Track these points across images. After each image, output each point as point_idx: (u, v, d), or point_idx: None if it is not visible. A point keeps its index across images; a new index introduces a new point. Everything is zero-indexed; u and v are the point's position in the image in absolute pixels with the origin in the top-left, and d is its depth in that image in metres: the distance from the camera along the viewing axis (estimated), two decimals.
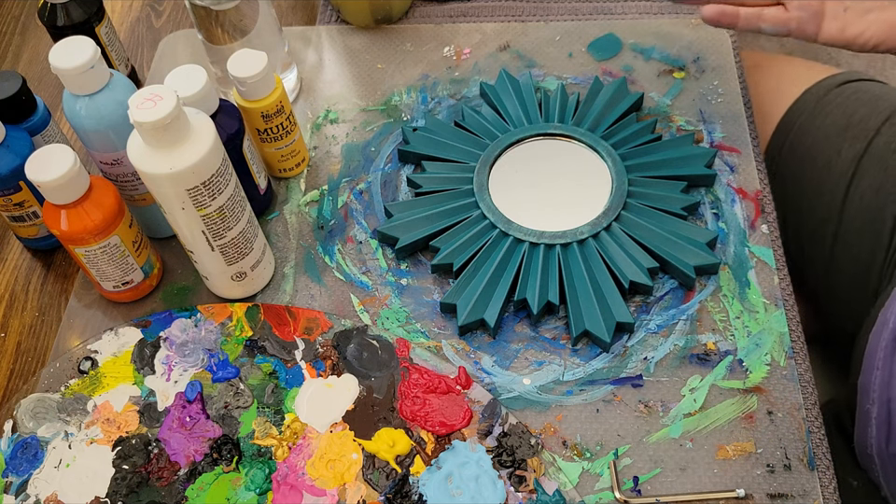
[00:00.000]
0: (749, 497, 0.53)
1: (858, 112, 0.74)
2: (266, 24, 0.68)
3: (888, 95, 0.75)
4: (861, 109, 0.74)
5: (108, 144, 0.58)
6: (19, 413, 0.59)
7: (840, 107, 0.75)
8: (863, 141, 0.72)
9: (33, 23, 0.85)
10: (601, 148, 0.66)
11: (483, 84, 0.72)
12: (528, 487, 0.53)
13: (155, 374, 0.60)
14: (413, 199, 0.66)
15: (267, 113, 0.64)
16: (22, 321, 0.65)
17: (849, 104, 0.75)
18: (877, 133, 0.71)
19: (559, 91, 0.70)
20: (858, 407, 0.63)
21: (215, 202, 0.54)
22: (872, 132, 0.72)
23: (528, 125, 0.68)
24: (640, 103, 0.70)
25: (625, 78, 0.71)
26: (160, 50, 0.80)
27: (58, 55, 0.55)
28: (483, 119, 0.69)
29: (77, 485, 0.56)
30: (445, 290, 0.62)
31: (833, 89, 0.76)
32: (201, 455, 0.56)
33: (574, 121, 0.68)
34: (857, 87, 0.76)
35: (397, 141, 0.71)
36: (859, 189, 0.71)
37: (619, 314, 0.58)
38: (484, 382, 0.58)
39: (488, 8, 0.80)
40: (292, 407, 0.58)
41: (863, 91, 0.76)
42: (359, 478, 0.55)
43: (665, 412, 0.56)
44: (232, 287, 0.62)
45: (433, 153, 0.68)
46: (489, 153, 0.66)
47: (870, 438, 0.61)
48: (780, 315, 0.59)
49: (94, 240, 0.57)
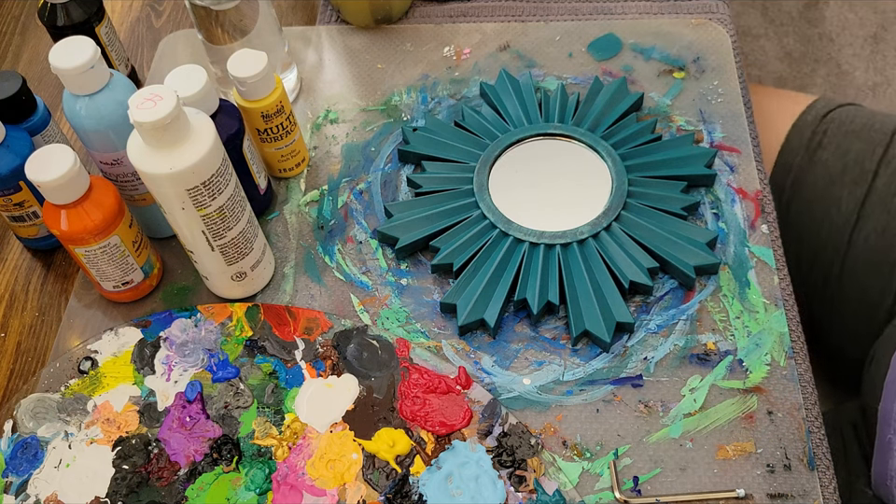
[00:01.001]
0: (748, 497, 0.53)
1: (851, 150, 0.75)
2: (266, 24, 0.68)
3: (872, 123, 0.76)
4: (855, 145, 0.75)
5: (108, 144, 0.58)
6: (19, 413, 0.59)
7: (832, 146, 0.76)
8: (863, 186, 0.73)
9: (33, 23, 0.85)
10: (601, 148, 0.66)
11: (483, 84, 0.72)
12: (528, 487, 0.53)
13: (155, 374, 0.60)
14: (413, 199, 0.66)
15: (267, 113, 0.64)
16: (22, 321, 0.65)
17: (841, 141, 0.76)
18: (875, 176, 0.73)
19: (559, 90, 0.70)
20: (878, 436, 0.62)
21: (215, 202, 0.54)
22: (870, 174, 0.73)
23: (528, 125, 0.68)
24: (640, 103, 0.70)
25: (625, 78, 0.71)
26: (160, 50, 0.80)
27: (58, 55, 0.55)
28: (483, 118, 0.69)
29: (77, 485, 0.56)
30: (445, 290, 0.62)
31: (819, 122, 0.77)
32: (201, 455, 0.56)
33: (574, 121, 0.68)
34: (840, 117, 0.77)
35: (397, 141, 0.71)
36: (863, 232, 0.71)
37: (619, 314, 0.58)
38: (484, 382, 0.58)
39: (488, 8, 0.80)
40: (292, 407, 0.58)
41: (848, 122, 0.76)
42: (359, 478, 0.55)
43: (665, 412, 0.56)
44: (232, 287, 0.62)
45: (433, 153, 0.68)
46: (489, 153, 0.66)
47: (891, 470, 0.60)
48: (780, 315, 0.59)
49: (94, 240, 0.57)
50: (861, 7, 1.64)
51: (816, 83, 1.58)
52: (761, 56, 1.63)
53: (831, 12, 1.65)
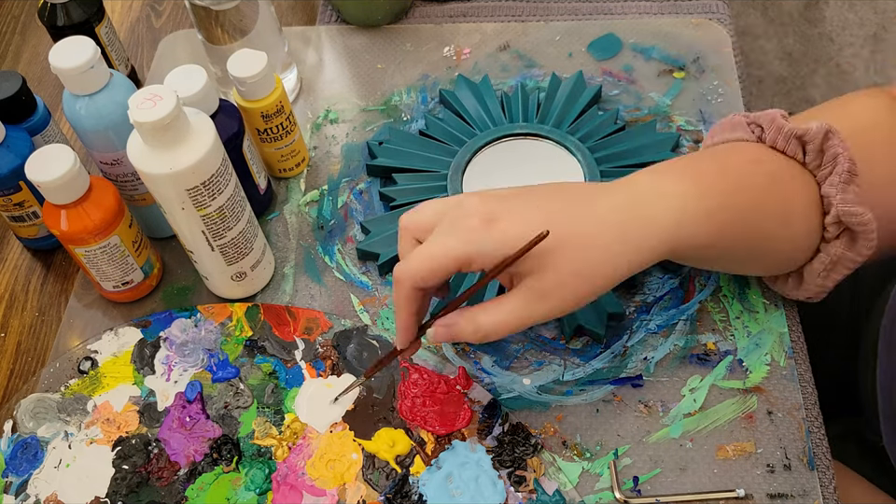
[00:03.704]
0: (748, 497, 0.53)
1: None
2: (266, 24, 0.68)
3: None
4: None
5: (108, 144, 0.58)
6: (19, 413, 0.59)
7: None
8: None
9: (33, 23, 0.85)
10: (569, 143, 0.66)
11: (443, 91, 0.71)
12: (528, 487, 0.53)
13: (155, 374, 0.60)
14: (389, 213, 0.65)
15: (267, 113, 0.64)
16: (22, 321, 0.65)
17: None
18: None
19: (518, 89, 0.70)
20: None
21: (215, 202, 0.54)
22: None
23: (494, 127, 0.68)
24: (599, 95, 0.70)
25: (581, 72, 0.71)
26: (159, 50, 0.80)
27: (58, 55, 0.55)
28: (448, 125, 0.69)
29: (77, 485, 0.56)
30: None
31: None
32: (201, 454, 0.56)
33: (538, 119, 0.68)
34: None
35: None
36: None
37: (609, 304, 0.58)
38: (484, 382, 0.58)
39: (488, 8, 0.80)
40: (292, 407, 0.58)
41: None
42: (359, 478, 0.55)
43: (665, 412, 0.56)
44: (232, 287, 0.62)
45: (402, 164, 0.67)
46: (459, 159, 0.66)
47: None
48: (780, 316, 0.59)
49: (94, 240, 0.57)
50: (860, 7, 1.64)
51: (816, 83, 1.58)
52: (761, 56, 1.63)
53: (831, 12, 1.65)
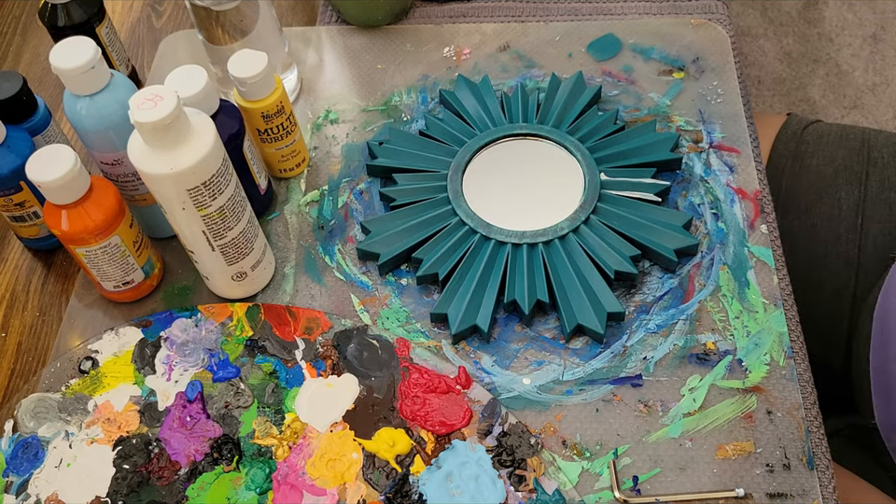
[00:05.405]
0: (748, 497, 0.53)
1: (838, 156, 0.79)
2: (266, 25, 0.68)
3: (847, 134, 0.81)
4: (839, 152, 0.79)
5: (109, 144, 0.58)
6: (19, 413, 0.59)
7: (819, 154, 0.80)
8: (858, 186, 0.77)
9: (33, 23, 0.85)
10: (569, 143, 0.66)
11: (443, 91, 0.72)
12: (528, 487, 0.53)
13: (155, 374, 0.60)
14: (389, 213, 0.65)
15: (267, 113, 0.64)
16: (23, 321, 0.65)
17: (825, 149, 0.80)
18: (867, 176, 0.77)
19: (518, 90, 0.70)
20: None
21: (215, 202, 0.55)
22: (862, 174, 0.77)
23: (494, 128, 0.68)
24: (599, 95, 0.71)
25: (581, 72, 0.71)
26: (160, 51, 0.80)
27: (58, 55, 0.55)
28: (448, 126, 0.69)
29: (78, 485, 0.56)
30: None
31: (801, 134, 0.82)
32: (201, 454, 0.56)
33: (538, 119, 0.68)
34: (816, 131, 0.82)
35: None
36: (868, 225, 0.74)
37: (608, 304, 0.58)
38: (484, 381, 0.58)
39: (488, 8, 0.80)
40: (292, 407, 0.58)
41: (826, 135, 0.81)
42: (359, 477, 0.55)
43: (665, 411, 0.56)
44: (233, 286, 0.62)
45: (402, 165, 0.67)
46: (460, 159, 0.66)
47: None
48: (780, 315, 0.59)
49: (95, 240, 0.57)
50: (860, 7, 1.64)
51: (815, 83, 1.58)
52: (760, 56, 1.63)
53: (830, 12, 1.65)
